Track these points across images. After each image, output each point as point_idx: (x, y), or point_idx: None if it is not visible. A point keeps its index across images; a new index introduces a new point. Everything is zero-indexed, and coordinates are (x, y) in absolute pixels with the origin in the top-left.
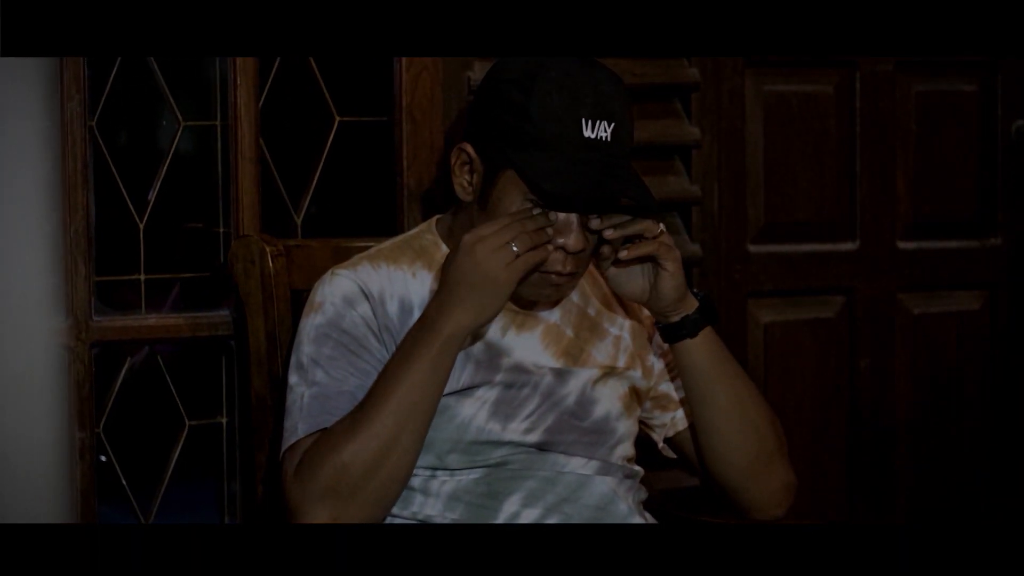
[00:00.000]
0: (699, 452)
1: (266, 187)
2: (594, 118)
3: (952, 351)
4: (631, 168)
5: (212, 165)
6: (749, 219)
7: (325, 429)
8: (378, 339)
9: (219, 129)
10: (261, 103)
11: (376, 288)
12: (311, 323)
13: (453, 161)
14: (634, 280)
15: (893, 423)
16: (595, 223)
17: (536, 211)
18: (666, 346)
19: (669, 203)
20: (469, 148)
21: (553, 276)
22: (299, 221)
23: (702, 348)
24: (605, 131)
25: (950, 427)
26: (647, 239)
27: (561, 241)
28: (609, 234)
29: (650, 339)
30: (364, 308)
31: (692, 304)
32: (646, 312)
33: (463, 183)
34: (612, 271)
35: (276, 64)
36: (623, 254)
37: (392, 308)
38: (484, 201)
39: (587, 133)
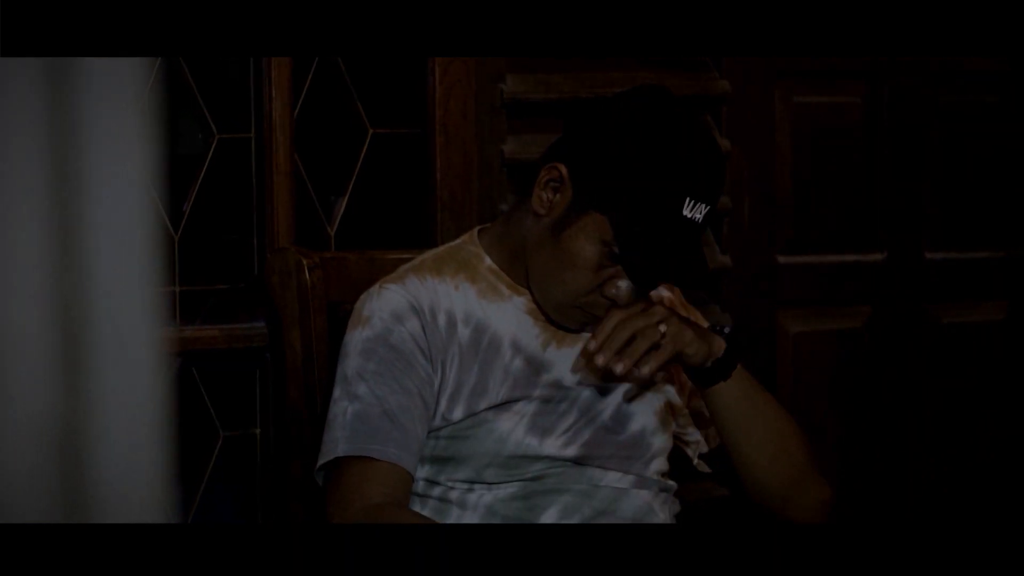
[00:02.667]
0: (733, 475)
1: (299, 199)
2: (697, 199)
3: (976, 361)
4: (701, 247)
5: (246, 177)
6: (778, 230)
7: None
8: (425, 356)
9: (254, 141)
10: (295, 115)
11: (427, 303)
12: (358, 336)
13: (542, 176)
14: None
15: (919, 433)
16: (618, 369)
17: (607, 260)
18: None
19: None
20: (563, 169)
21: (591, 316)
22: (332, 233)
23: (734, 387)
24: (701, 213)
25: (978, 439)
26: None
27: (615, 294)
28: (620, 371)
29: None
30: (413, 324)
31: (720, 346)
32: None
33: (544, 198)
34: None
35: (310, 76)
36: (645, 372)
37: (441, 322)
38: (559, 227)
39: (687, 212)
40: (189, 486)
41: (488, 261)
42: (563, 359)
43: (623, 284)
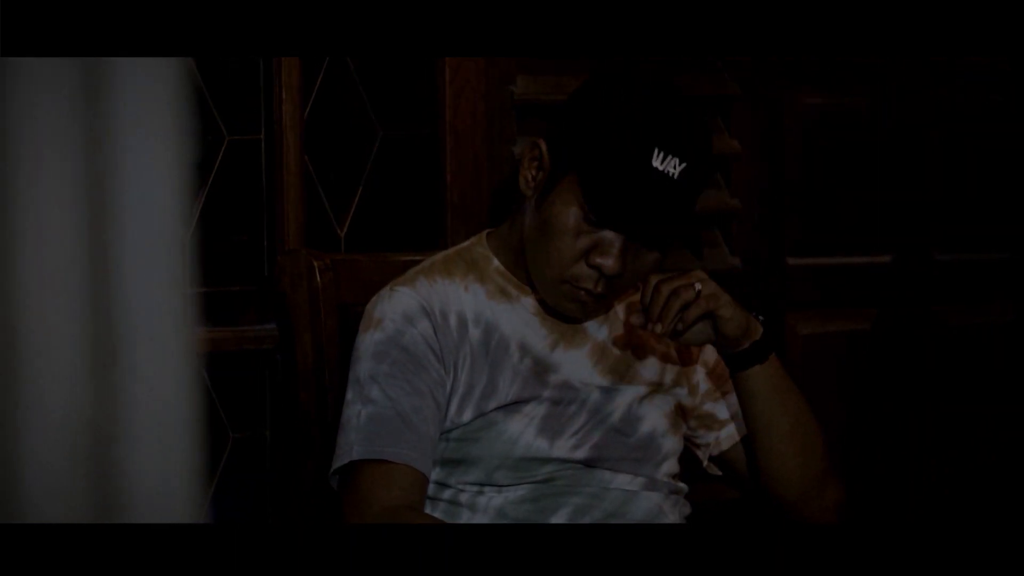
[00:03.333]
0: (754, 471)
1: (310, 200)
2: (667, 151)
3: (983, 363)
4: (690, 212)
5: (256, 179)
6: (787, 231)
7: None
8: (437, 358)
9: (264, 143)
10: (305, 117)
11: (437, 304)
12: (370, 339)
13: (525, 154)
14: (696, 331)
15: (926, 435)
16: (657, 328)
17: (586, 224)
18: (712, 365)
19: (709, 216)
20: (542, 144)
21: (582, 292)
22: (342, 235)
23: (768, 372)
24: (675, 168)
25: (984, 440)
26: (693, 302)
27: (599, 261)
28: (659, 332)
29: (696, 359)
30: (424, 326)
31: (757, 330)
32: None
33: (528, 177)
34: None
35: (320, 78)
36: (680, 329)
37: (452, 323)
38: (541, 200)
39: (656, 163)
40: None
41: (496, 263)
42: (571, 360)
43: (611, 242)
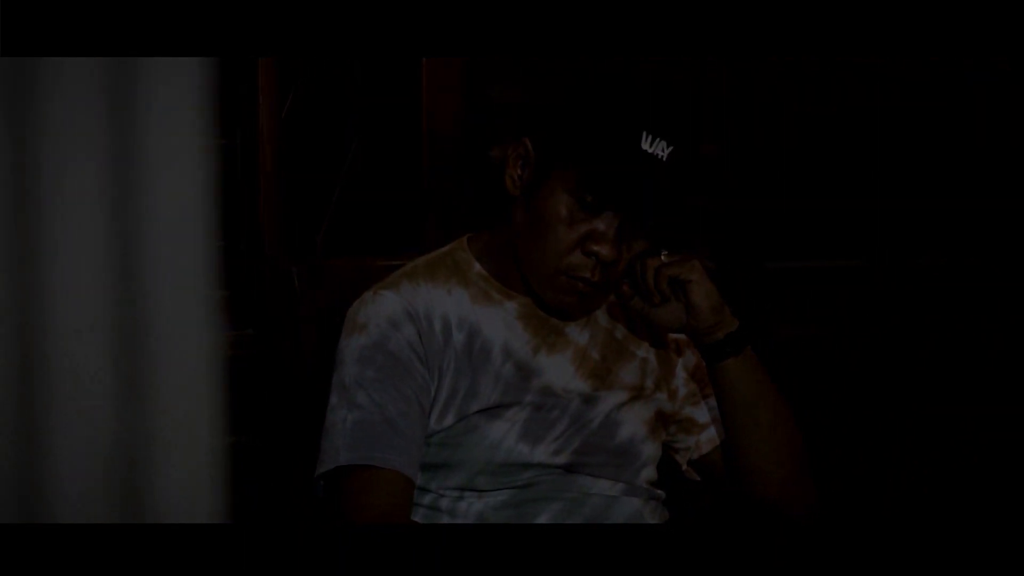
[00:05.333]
0: (733, 473)
1: (287, 206)
2: (655, 134)
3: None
4: (679, 197)
5: (233, 184)
6: (768, 232)
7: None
8: (423, 363)
9: (240, 148)
10: (282, 121)
11: (422, 308)
12: (354, 343)
13: (510, 153)
14: (667, 308)
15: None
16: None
17: (580, 212)
18: (692, 368)
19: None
20: (527, 142)
21: (580, 284)
22: (320, 240)
23: (745, 367)
24: (663, 151)
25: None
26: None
27: (596, 248)
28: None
29: (676, 363)
30: (410, 331)
31: (733, 322)
32: (673, 335)
33: (514, 176)
34: (643, 308)
35: (296, 83)
36: (650, 279)
37: (437, 327)
38: (530, 197)
39: (645, 146)
40: None
41: (478, 267)
42: (553, 365)
43: (605, 228)
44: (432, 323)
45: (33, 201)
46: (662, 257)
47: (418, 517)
